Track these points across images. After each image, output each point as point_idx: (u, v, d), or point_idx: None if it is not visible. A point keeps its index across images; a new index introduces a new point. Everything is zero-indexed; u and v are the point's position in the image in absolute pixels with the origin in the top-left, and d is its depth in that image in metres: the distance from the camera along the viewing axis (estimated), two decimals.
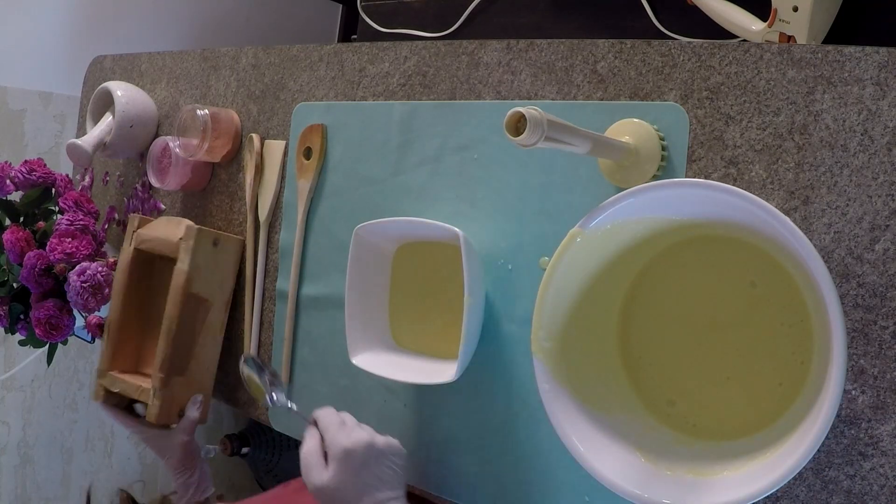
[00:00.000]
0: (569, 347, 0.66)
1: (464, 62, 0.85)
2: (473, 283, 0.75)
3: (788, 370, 0.62)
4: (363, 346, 0.85)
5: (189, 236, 0.96)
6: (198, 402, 0.96)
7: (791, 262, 0.59)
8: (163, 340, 0.94)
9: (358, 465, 0.72)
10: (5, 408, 1.57)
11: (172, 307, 0.94)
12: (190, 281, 0.95)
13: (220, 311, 1.00)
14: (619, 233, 0.64)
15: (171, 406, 0.95)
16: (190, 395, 0.96)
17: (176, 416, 0.96)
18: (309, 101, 0.99)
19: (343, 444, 0.72)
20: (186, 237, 0.96)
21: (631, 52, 0.73)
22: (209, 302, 0.97)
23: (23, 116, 1.49)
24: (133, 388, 0.97)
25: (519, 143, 0.54)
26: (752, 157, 0.66)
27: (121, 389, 0.98)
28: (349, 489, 0.71)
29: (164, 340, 0.94)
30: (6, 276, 1.12)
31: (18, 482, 1.61)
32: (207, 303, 0.97)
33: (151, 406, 0.94)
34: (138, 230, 1.03)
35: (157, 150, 1.11)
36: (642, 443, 0.64)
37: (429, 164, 0.87)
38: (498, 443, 0.80)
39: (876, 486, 0.60)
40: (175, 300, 0.94)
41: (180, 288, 0.94)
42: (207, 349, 0.99)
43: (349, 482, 0.71)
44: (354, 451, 0.72)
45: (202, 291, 0.97)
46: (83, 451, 1.71)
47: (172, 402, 0.95)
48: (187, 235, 0.96)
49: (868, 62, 0.61)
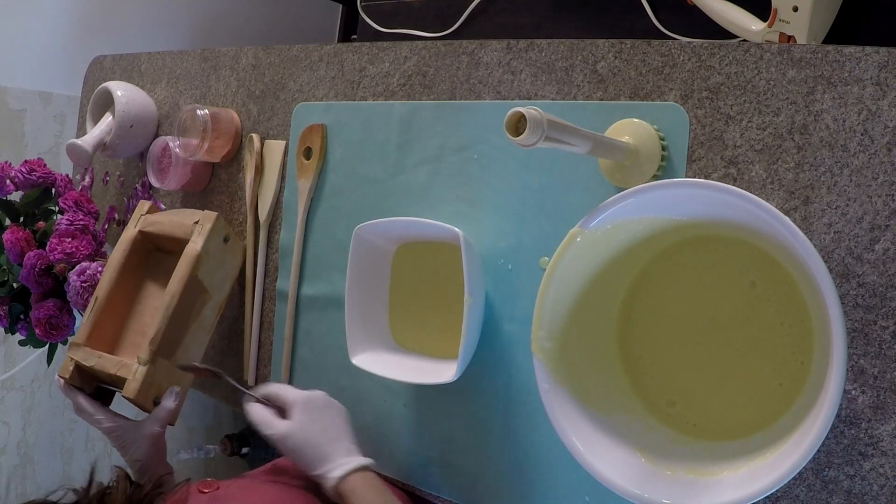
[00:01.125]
0: (569, 347, 0.66)
1: (464, 62, 0.85)
2: (473, 283, 0.75)
3: (788, 370, 0.62)
4: (363, 346, 0.85)
5: (207, 220, 0.95)
6: (174, 392, 0.90)
7: (791, 262, 0.59)
8: (161, 315, 0.91)
9: (318, 409, 0.80)
10: (5, 408, 1.57)
11: (177, 284, 0.92)
12: (199, 263, 0.93)
13: (213, 311, 0.98)
14: (619, 233, 0.64)
15: (151, 387, 0.90)
16: (168, 385, 0.91)
17: (151, 401, 0.90)
18: (309, 101, 0.99)
19: (303, 393, 0.81)
20: (204, 220, 0.95)
21: (631, 52, 0.73)
22: (208, 294, 0.96)
23: (23, 116, 1.49)
24: (111, 363, 0.91)
25: (519, 143, 0.54)
26: (752, 157, 0.66)
27: (96, 364, 0.91)
28: (315, 432, 0.78)
29: (163, 315, 0.91)
30: (6, 276, 1.12)
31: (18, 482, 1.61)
32: (206, 294, 0.96)
33: (132, 381, 0.88)
34: (147, 214, 1.01)
35: (157, 150, 1.11)
36: (642, 443, 0.64)
37: (429, 164, 0.86)
38: (498, 443, 0.80)
39: (876, 486, 0.60)
40: (180, 278, 0.92)
41: (188, 267, 0.92)
42: (195, 343, 0.96)
43: (314, 426, 0.79)
44: (313, 397, 0.81)
45: (205, 280, 0.95)
46: (83, 451, 1.71)
47: (153, 383, 0.90)
48: (205, 219, 0.95)
49: (868, 62, 0.61)
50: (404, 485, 0.88)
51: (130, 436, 0.88)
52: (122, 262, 0.99)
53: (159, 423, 0.89)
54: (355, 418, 0.92)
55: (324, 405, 0.81)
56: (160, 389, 0.91)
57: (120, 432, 0.88)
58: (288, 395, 0.81)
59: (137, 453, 0.88)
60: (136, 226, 1.01)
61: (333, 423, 0.81)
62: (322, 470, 0.77)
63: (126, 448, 0.88)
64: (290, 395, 0.81)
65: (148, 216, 1.01)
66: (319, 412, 0.80)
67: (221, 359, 1.07)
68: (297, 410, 0.79)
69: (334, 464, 0.77)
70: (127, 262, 0.99)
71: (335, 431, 0.80)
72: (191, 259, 0.93)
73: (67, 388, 0.93)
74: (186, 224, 0.96)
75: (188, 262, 0.93)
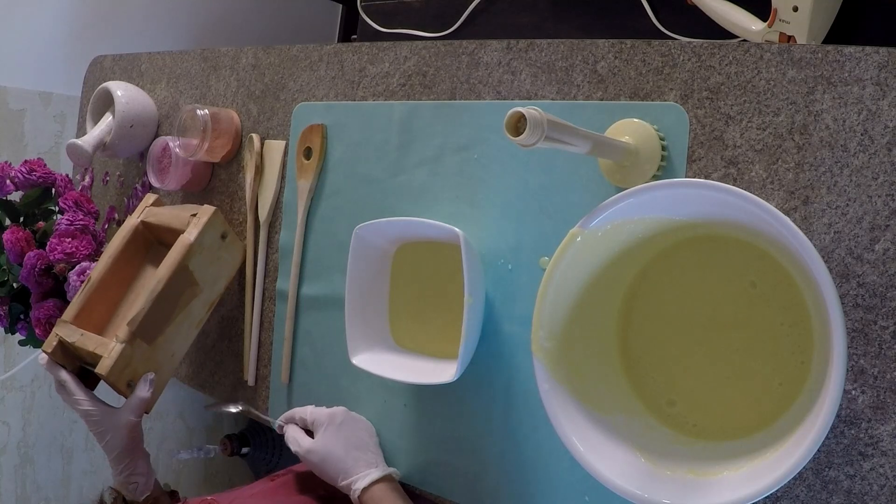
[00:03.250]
0: (569, 347, 0.66)
1: (464, 62, 0.85)
2: (473, 283, 0.75)
3: (788, 370, 0.62)
4: (363, 346, 0.85)
5: (204, 213, 0.96)
6: (149, 380, 0.90)
7: (791, 262, 0.59)
8: (144, 297, 0.91)
9: (339, 424, 0.85)
10: (5, 408, 1.57)
11: (164, 270, 0.93)
12: (190, 253, 0.94)
13: (203, 307, 0.98)
14: (618, 233, 0.64)
15: (125, 368, 0.89)
16: (147, 370, 0.91)
17: (125, 384, 0.90)
18: (309, 101, 0.99)
19: (325, 411, 0.86)
20: (201, 213, 0.96)
21: (631, 52, 0.73)
22: (198, 287, 0.96)
23: (23, 116, 1.49)
24: (93, 340, 0.91)
25: (519, 143, 0.54)
26: (752, 157, 0.66)
27: (77, 341, 0.92)
28: (337, 447, 0.83)
29: (146, 298, 0.91)
30: (6, 276, 1.12)
31: (18, 482, 1.61)
32: (196, 287, 0.96)
33: (106, 358, 0.88)
34: (151, 206, 1.02)
35: (157, 150, 1.11)
36: (642, 443, 0.64)
37: (429, 164, 0.86)
38: (498, 443, 0.80)
39: (876, 486, 0.60)
40: (169, 264, 0.93)
41: (178, 255, 0.93)
42: (180, 334, 0.96)
43: (336, 441, 0.83)
44: (335, 413, 0.86)
45: (196, 273, 0.95)
46: (83, 451, 1.71)
47: (128, 364, 0.90)
48: (202, 212, 0.96)
49: (868, 62, 0.61)
50: (404, 485, 0.88)
51: (107, 422, 0.88)
52: (121, 248, 0.99)
53: (134, 413, 0.89)
54: None
55: (345, 421, 0.85)
56: (136, 373, 0.91)
57: (98, 417, 0.88)
58: (308, 414, 0.87)
59: (113, 441, 0.88)
60: (140, 216, 1.01)
61: (356, 436, 0.85)
62: (345, 482, 0.81)
63: (102, 434, 0.89)
64: (311, 415, 0.86)
65: (152, 208, 1.02)
66: (340, 428, 0.85)
67: (221, 359, 1.07)
68: (320, 428, 0.85)
69: (356, 476, 0.81)
70: (125, 250, 1.00)
71: (357, 444, 0.84)
72: (182, 248, 0.93)
73: (50, 363, 0.93)
74: (184, 216, 0.97)
75: (179, 250, 0.93)
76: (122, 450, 0.88)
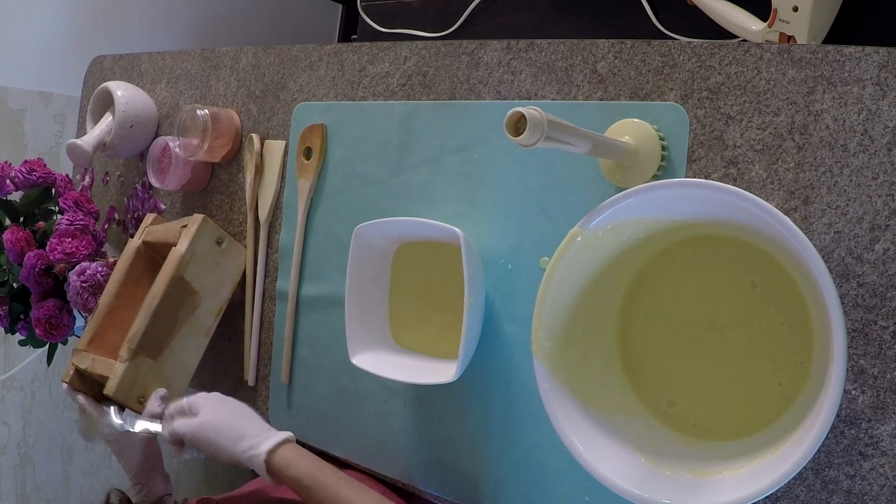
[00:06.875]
0: (569, 347, 0.66)
1: (464, 62, 0.85)
2: (473, 283, 0.75)
3: (788, 370, 0.62)
4: (363, 346, 0.85)
5: (193, 222, 0.96)
6: (160, 395, 0.85)
7: (791, 262, 0.59)
8: (141, 314, 0.92)
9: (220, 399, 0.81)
10: (5, 408, 1.57)
11: (159, 284, 0.93)
12: (183, 264, 0.94)
13: (210, 315, 0.98)
14: (619, 233, 0.64)
15: (133, 386, 0.90)
16: (157, 385, 0.91)
17: (136, 400, 0.90)
18: (309, 101, 0.99)
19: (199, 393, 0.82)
20: (191, 223, 0.96)
21: (631, 52, 0.73)
22: (198, 296, 0.96)
23: (23, 116, 1.49)
24: (101, 364, 0.93)
25: (519, 143, 0.54)
26: (752, 157, 0.66)
27: (89, 366, 0.94)
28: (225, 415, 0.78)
29: (143, 314, 0.92)
30: (6, 276, 1.12)
31: (18, 482, 1.61)
32: (196, 297, 0.96)
33: (112, 378, 0.89)
34: (150, 226, 1.03)
35: (157, 150, 1.11)
36: (642, 443, 0.64)
37: (429, 164, 0.86)
38: (498, 443, 0.80)
39: (876, 486, 0.60)
40: (163, 278, 0.93)
41: (171, 268, 0.93)
42: (187, 346, 0.96)
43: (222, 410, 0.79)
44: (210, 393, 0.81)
45: (194, 282, 0.95)
46: (83, 451, 1.71)
47: (135, 381, 0.91)
48: (192, 221, 0.96)
49: (868, 62, 0.61)
50: (404, 485, 0.88)
51: (123, 441, 0.88)
52: (126, 271, 1.01)
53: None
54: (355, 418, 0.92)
55: (224, 398, 0.82)
56: (146, 389, 0.91)
57: (116, 439, 0.88)
58: (184, 401, 0.81)
59: (131, 461, 0.88)
60: (141, 237, 1.02)
61: (241, 408, 0.80)
62: (245, 446, 0.75)
63: (120, 454, 0.89)
64: (187, 401, 0.81)
65: (151, 227, 1.03)
66: (222, 402, 0.80)
67: (221, 359, 1.07)
68: (201, 404, 0.80)
69: (257, 439, 0.76)
70: (131, 271, 1.01)
71: (245, 413, 0.80)
72: (174, 260, 0.94)
73: (70, 390, 0.94)
74: (176, 228, 0.97)
75: (171, 263, 0.94)
76: (139, 468, 0.88)
